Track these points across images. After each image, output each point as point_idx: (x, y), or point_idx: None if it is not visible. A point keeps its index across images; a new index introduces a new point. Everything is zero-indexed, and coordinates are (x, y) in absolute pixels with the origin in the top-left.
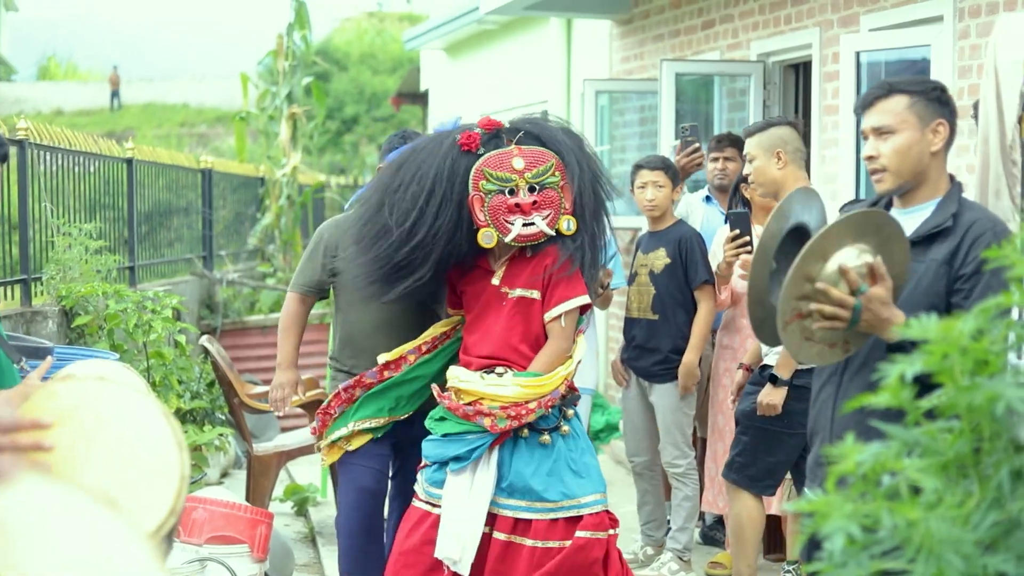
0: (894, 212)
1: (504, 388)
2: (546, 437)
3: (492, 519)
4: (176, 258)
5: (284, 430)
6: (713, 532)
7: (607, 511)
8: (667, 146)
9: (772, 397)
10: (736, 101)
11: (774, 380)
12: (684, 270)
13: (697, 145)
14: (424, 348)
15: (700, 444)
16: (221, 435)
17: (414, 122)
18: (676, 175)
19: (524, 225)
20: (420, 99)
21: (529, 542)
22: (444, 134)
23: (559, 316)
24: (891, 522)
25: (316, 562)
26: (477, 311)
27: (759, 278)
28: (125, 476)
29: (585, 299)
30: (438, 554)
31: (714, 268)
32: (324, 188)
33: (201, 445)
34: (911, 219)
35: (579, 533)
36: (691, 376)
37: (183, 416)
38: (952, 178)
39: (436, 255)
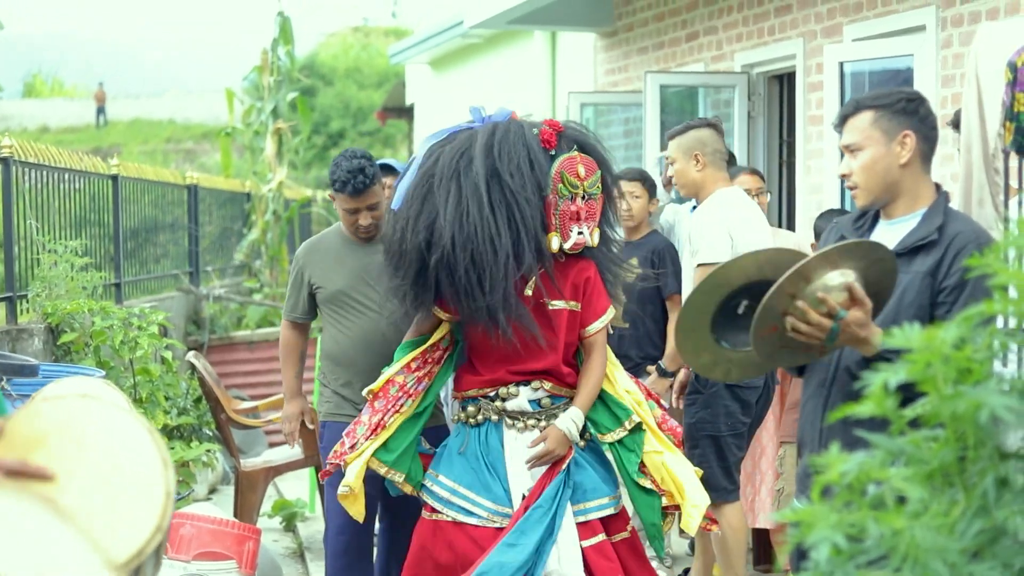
0: (880, 224)
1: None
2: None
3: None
4: (162, 274)
5: (272, 445)
6: None
7: None
8: (652, 158)
9: (657, 386)
10: (721, 112)
11: (663, 372)
12: (656, 280)
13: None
14: (414, 366)
15: None
16: (208, 451)
17: (400, 136)
18: (653, 187)
19: (579, 233)
20: (406, 113)
21: (616, 537)
22: (517, 125)
23: (602, 328)
24: (877, 531)
25: (296, 553)
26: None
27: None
28: (110, 494)
29: (613, 311)
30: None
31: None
32: (310, 203)
33: (188, 461)
34: (896, 230)
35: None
36: (662, 384)
37: (170, 432)
38: (938, 188)
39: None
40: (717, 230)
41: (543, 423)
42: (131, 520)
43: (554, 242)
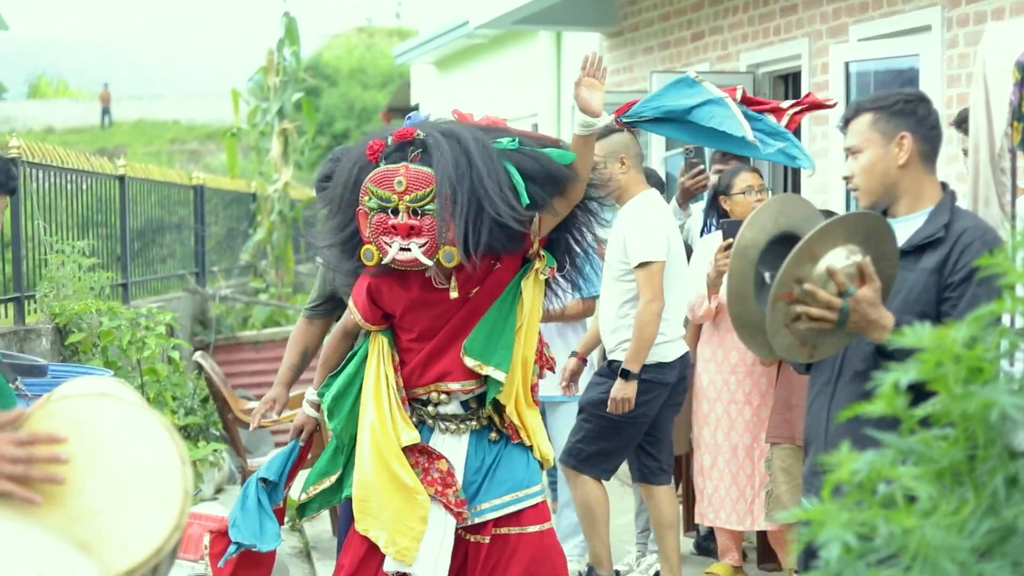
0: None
1: None
2: (493, 435)
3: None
4: (169, 274)
5: (278, 445)
6: (707, 543)
7: None
8: (657, 157)
9: (625, 391)
10: None
11: (625, 375)
12: None
13: (702, 167)
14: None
15: (684, 459)
16: (215, 451)
17: None
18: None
19: (401, 249)
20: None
21: (524, 528)
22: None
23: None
24: (887, 530)
25: (304, 552)
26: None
27: (742, 286)
28: (128, 493)
29: None
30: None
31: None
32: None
33: (195, 461)
34: (902, 228)
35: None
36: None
37: (177, 432)
38: (945, 186)
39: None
40: (655, 230)
41: (472, 423)
42: (149, 520)
43: (366, 254)
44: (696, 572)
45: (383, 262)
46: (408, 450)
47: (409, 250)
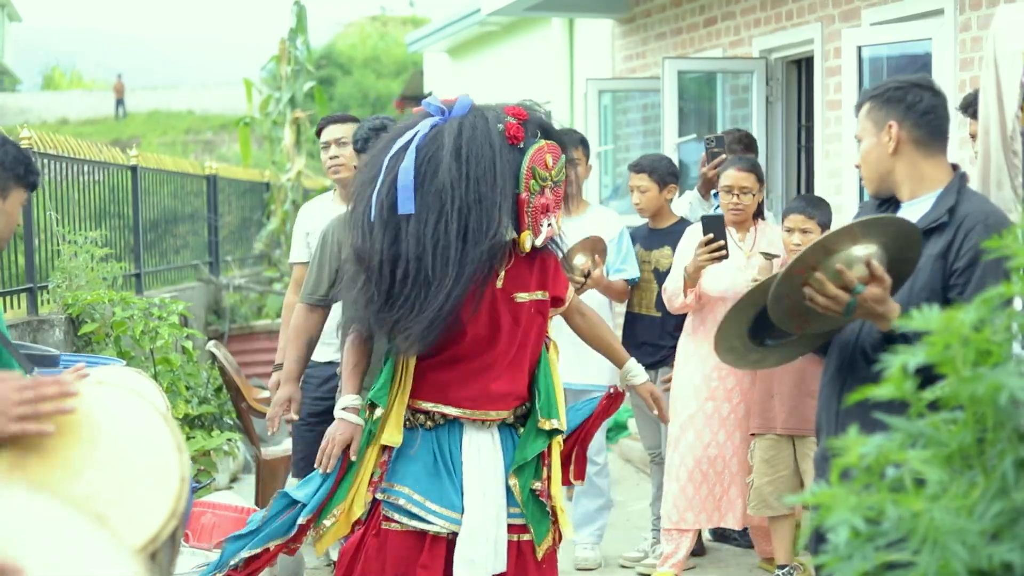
0: (901, 208)
1: None
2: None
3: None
4: (182, 264)
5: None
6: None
7: None
8: (670, 144)
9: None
10: (739, 98)
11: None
12: None
13: (724, 156)
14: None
15: None
16: (229, 440)
17: None
18: (663, 177)
19: (548, 225)
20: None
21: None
22: (483, 122)
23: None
24: (895, 514)
25: (327, 565)
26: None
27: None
28: (124, 480)
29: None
30: None
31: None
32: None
33: (210, 450)
34: (910, 213)
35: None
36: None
37: (191, 421)
38: (956, 168)
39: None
40: None
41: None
42: (145, 506)
43: (527, 241)
44: (714, 559)
45: (537, 243)
46: None
47: (551, 224)
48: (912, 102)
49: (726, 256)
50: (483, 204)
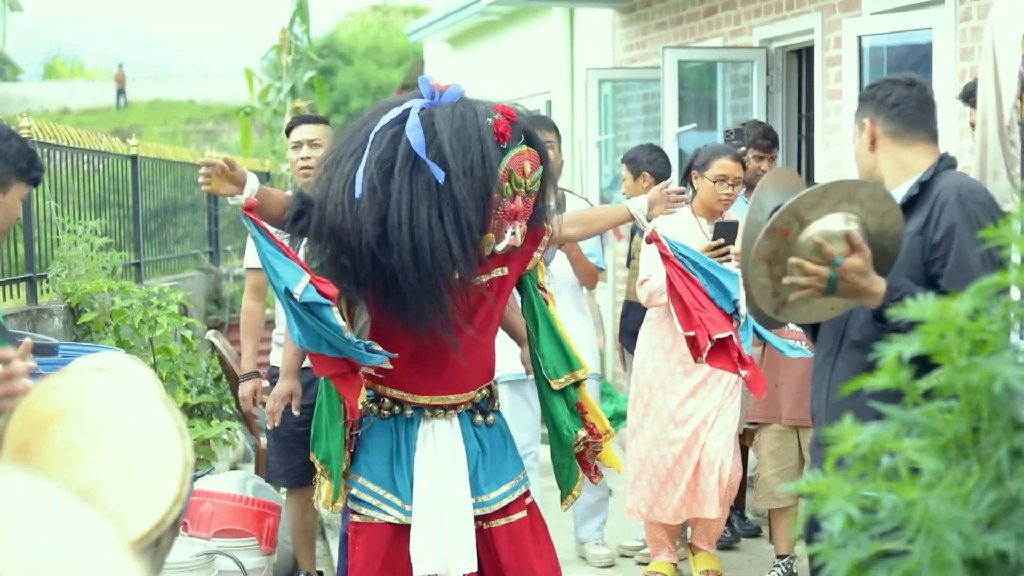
0: None
1: None
2: (491, 418)
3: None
4: (182, 254)
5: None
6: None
7: None
8: (670, 134)
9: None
10: (739, 88)
11: None
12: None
13: (743, 148)
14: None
15: None
16: (229, 429)
17: None
18: (637, 167)
19: (511, 234)
20: None
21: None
22: (472, 113)
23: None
24: (890, 502)
25: (325, 554)
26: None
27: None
28: (128, 466)
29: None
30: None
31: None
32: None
33: (209, 439)
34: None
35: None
36: None
37: (191, 411)
38: (943, 156)
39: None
40: None
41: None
42: (151, 492)
43: (488, 246)
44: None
45: (497, 249)
46: None
47: (514, 233)
48: (882, 97)
49: (730, 263)
50: (467, 199)
